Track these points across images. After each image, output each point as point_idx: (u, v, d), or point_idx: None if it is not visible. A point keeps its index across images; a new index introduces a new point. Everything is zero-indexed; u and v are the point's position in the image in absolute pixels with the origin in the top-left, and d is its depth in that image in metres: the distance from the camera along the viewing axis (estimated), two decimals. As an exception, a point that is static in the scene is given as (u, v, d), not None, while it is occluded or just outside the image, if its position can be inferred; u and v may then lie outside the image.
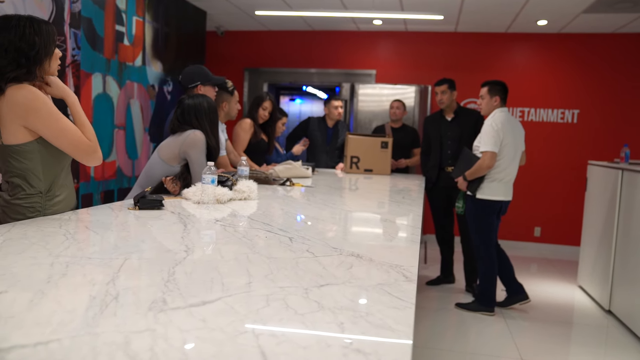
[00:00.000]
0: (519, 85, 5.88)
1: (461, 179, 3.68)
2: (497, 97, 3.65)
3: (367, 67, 6.20)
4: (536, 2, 4.66)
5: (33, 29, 1.68)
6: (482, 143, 3.56)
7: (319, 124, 4.81)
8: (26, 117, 1.65)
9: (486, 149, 3.51)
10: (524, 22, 5.40)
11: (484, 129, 3.59)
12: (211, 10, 5.56)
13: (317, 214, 2.21)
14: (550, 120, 5.86)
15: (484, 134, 3.55)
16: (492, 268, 3.68)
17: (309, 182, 3.36)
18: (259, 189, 2.59)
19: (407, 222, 2.14)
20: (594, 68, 5.71)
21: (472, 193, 3.65)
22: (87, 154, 1.76)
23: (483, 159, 3.52)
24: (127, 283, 1.08)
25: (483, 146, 3.54)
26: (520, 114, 5.93)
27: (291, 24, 5.96)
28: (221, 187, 2.26)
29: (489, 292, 3.69)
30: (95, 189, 3.90)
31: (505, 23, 5.49)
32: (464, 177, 3.64)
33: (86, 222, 1.75)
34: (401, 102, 4.83)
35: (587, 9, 4.77)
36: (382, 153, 4.24)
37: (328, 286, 1.11)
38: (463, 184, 3.68)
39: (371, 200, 2.89)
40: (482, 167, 3.53)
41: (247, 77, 6.45)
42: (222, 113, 3.30)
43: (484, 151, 3.53)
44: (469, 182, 3.64)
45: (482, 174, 3.56)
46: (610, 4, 4.57)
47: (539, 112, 5.88)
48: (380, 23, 5.73)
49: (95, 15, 3.78)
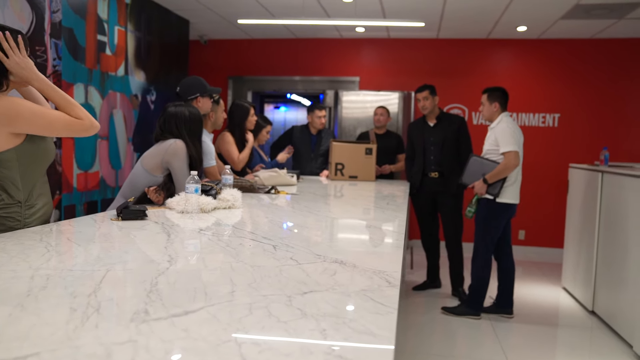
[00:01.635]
0: (500, 90, 5.97)
1: (480, 183, 3.59)
2: (497, 102, 3.68)
3: (351, 74, 6.24)
4: (515, 9, 4.74)
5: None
6: (501, 144, 3.52)
7: (302, 132, 4.83)
8: (12, 124, 1.65)
9: (509, 148, 3.49)
10: (504, 28, 5.49)
11: (498, 132, 3.57)
12: (194, 19, 5.56)
13: (302, 221, 2.21)
14: (531, 125, 5.94)
15: (501, 135, 3.53)
16: (487, 272, 3.68)
17: (294, 190, 3.36)
18: (244, 198, 2.59)
19: (392, 228, 2.15)
20: (574, 72, 5.81)
21: (494, 196, 3.58)
22: (83, 131, 1.79)
23: (508, 159, 3.48)
24: (109, 294, 1.07)
25: (504, 147, 3.50)
26: (502, 118, 6.00)
27: (274, 32, 5.98)
28: (205, 196, 2.25)
29: (479, 296, 3.71)
30: (78, 200, 3.86)
31: (486, 29, 5.57)
32: (485, 181, 3.57)
33: (68, 234, 1.74)
34: (385, 109, 4.86)
35: (565, 15, 4.86)
36: (367, 159, 4.26)
37: (311, 293, 1.11)
38: (482, 188, 3.59)
39: (356, 207, 2.90)
40: (509, 167, 3.49)
41: (231, 85, 6.46)
42: (209, 123, 3.30)
43: (506, 152, 3.49)
44: (489, 186, 3.57)
45: (507, 174, 3.52)
46: (587, 10, 4.66)
47: (520, 117, 5.96)
48: (363, 30, 5.78)
49: (77, 25, 3.76)
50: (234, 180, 2.80)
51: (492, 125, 3.69)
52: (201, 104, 3.05)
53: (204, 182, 2.41)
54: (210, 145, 3.17)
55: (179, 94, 3.08)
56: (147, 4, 4.79)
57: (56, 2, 3.52)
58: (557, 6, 4.59)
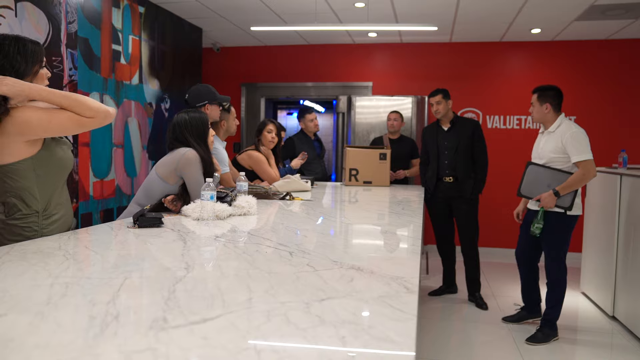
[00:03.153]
0: (515, 93, 5.92)
1: (549, 195, 3.25)
2: (548, 104, 3.35)
3: (364, 80, 6.24)
4: (529, 11, 4.70)
5: (17, 47, 1.69)
6: (574, 152, 3.19)
7: (302, 139, 4.86)
8: (24, 132, 1.66)
9: (585, 157, 3.17)
10: (518, 31, 5.45)
11: (567, 138, 3.22)
12: (207, 27, 5.60)
13: (317, 227, 2.21)
14: (547, 127, 5.88)
15: (573, 141, 3.19)
16: (564, 289, 3.37)
17: (308, 196, 3.36)
18: (259, 204, 2.59)
19: (408, 233, 2.14)
20: (589, 74, 5.74)
21: (565, 209, 3.26)
22: (97, 124, 1.75)
23: (586, 168, 3.16)
24: (127, 302, 1.08)
25: (578, 155, 3.17)
26: (517, 122, 5.95)
27: (287, 38, 6.01)
28: (220, 203, 2.26)
29: (557, 315, 3.40)
30: (95, 208, 3.90)
31: (500, 32, 5.53)
32: (556, 192, 3.23)
33: (85, 242, 1.75)
34: (398, 114, 4.85)
35: (580, 17, 4.81)
36: (381, 164, 4.25)
37: (329, 300, 1.10)
38: (552, 201, 3.24)
39: (371, 212, 2.88)
40: (587, 177, 3.18)
41: (244, 92, 6.49)
42: (221, 131, 3.32)
43: (582, 161, 3.17)
44: (559, 198, 3.25)
45: (583, 184, 3.22)
46: (602, 11, 4.61)
47: (536, 120, 5.90)
48: (375, 35, 5.78)
49: (92, 35, 3.82)
50: (248, 187, 2.81)
51: (551, 129, 3.35)
52: (210, 111, 3.07)
53: (219, 189, 2.42)
54: (223, 152, 3.19)
55: (188, 101, 3.11)
56: (161, 12, 4.84)
57: (72, 13, 3.58)
58: (571, 7, 4.55)
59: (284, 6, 4.72)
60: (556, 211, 3.29)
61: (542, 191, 3.31)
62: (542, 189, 3.32)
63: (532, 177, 3.39)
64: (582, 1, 4.36)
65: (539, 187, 3.34)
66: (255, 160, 3.71)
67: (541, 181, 3.33)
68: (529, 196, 3.41)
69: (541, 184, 3.33)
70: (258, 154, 3.74)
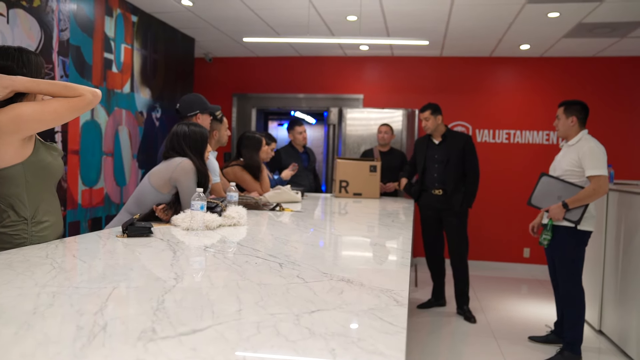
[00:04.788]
0: (504, 107, 6.00)
1: (559, 207, 3.22)
2: (574, 117, 3.32)
3: (355, 92, 6.28)
4: (518, 28, 4.78)
5: (21, 60, 1.70)
6: (589, 166, 3.16)
7: (289, 152, 4.85)
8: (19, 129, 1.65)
9: (600, 172, 3.13)
10: (507, 47, 5.53)
11: (585, 152, 3.18)
12: (199, 38, 5.62)
13: (307, 238, 2.20)
14: (535, 142, 5.95)
15: (590, 156, 3.16)
16: (583, 308, 3.28)
17: (298, 207, 3.35)
18: (249, 215, 2.59)
19: (397, 246, 2.14)
20: (577, 90, 5.82)
21: (575, 223, 3.21)
22: (88, 104, 1.75)
23: (598, 184, 3.12)
24: (115, 312, 1.07)
25: (593, 169, 3.14)
26: (506, 136, 6.02)
27: (279, 50, 6.04)
28: (210, 213, 2.25)
29: (578, 337, 3.26)
30: (83, 217, 3.86)
31: (489, 47, 5.60)
32: (565, 205, 3.20)
33: (73, 251, 1.73)
34: (389, 126, 4.88)
35: (568, 34, 4.90)
36: (371, 177, 4.26)
37: (319, 312, 1.10)
38: (560, 213, 3.21)
39: (361, 224, 2.89)
40: (598, 193, 3.13)
41: (236, 102, 6.50)
42: (212, 141, 3.32)
43: (595, 175, 3.13)
44: (567, 211, 3.21)
45: (593, 200, 3.18)
46: (589, 29, 4.69)
47: (524, 134, 5.97)
48: (367, 48, 5.83)
49: (84, 43, 3.81)
50: (239, 198, 2.80)
51: (571, 142, 3.33)
52: (201, 121, 3.07)
53: (209, 200, 2.41)
54: (214, 161, 3.18)
55: (179, 110, 3.11)
56: (154, 22, 4.85)
57: (64, 21, 3.57)
58: (559, 25, 4.63)
59: (277, 18, 4.75)
60: (566, 225, 3.24)
61: (552, 203, 3.29)
62: (552, 200, 3.30)
63: (544, 189, 3.38)
64: (570, 19, 4.44)
65: (550, 198, 3.32)
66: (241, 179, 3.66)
67: (552, 193, 3.31)
68: (539, 206, 3.39)
69: (552, 195, 3.31)
70: (244, 173, 3.66)
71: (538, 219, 3.57)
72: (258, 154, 3.74)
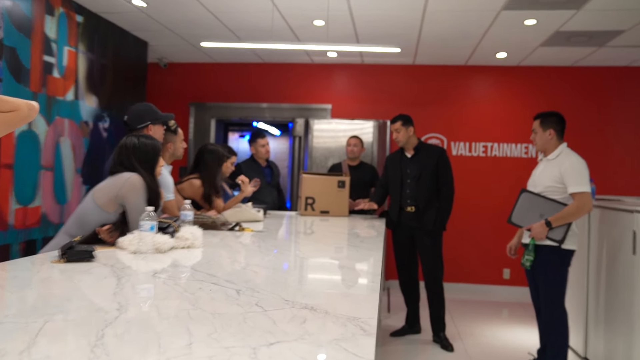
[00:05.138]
0: (481, 119, 6.13)
1: (541, 225, 3.26)
2: (551, 130, 3.40)
3: (322, 102, 6.31)
4: (494, 35, 4.91)
5: None
6: (571, 183, 3.23)
7: (250, 165, 4.84)
8: None
9: (582, 189, 3.20)
10: (483, 55, 5.67)
11: (566, 167, 3.27)
12: (153, 42, 5.56)
13: (269, 261, 2.18)
14: (514, 155, 6.09)
15: (572, 172, 3.24)
16: (566, 333, 3.33)
17: (260, 227, 3.33)
18: (205, 236, 2.55)
19: (367, 268, 2.14)
20: (556, 101, 5.98)
21: (559, 242, 3.26)
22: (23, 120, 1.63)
23: (581, 201, 3.19)
24: (46, 350, 1.02)
25: (575, 186, 3.21)
26: (483, 149, 6.14)
27: (240, 56, 6.03)
28: (161, 235, 2.20)
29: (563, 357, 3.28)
30: (14, 239, 3.73)
31: (464, 55, 5.74)
32: (548, 223, 3.24)
33: (0, 280, 1.66)
34: (358, 139, 4.92)
35: (545, 42, 5.06)
36: (339, 193, 4.27)
37: (278, 344, 1.08)
38: (543, 232, 3.26)
39: (328, 245, 2.88)
40: (582, 211, 3.21)
41: (193, 112, 6.44)
42: (167, 154, 3.26)
43: (578, 192, 3.20)
44: (550, 229, 3.26)
45: (577, 218, 3.25)
46: (566, 37, 4.87)
47: (502, 147, 6.10)
48: (335, 55, 5.88)
49: (20, 44, 3.71)
50: (194, 217, 2.76)
51: (551, 157, 3.41)
52: (152, 132, 3.01)
53: (160, 219, 2.36)
54: (168, 177, 3.13)
55: (127, 122, 3.04)
56: (102, 23, 4.77)
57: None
58: (536, 33, 4.78)
59: (238, 22, 4.75)
60: (549, 244, 3.29)
61: (534, 221, 3.33)
62: (534, 218, 3.35)
63: (525, 206, 3.43)
64: (547, 27, 4.60)
65: (531, 216, 3.36)
66: (199, 195, 3.62)
67: (534, 210, 3.36)
68: (520, 224, 3.44)
69: (534, 213, 3.35)
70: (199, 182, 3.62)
71: (516, 239, 3.62)
72: (219, 169, 3.72)
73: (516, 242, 3.62)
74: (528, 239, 3.40)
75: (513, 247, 3.64)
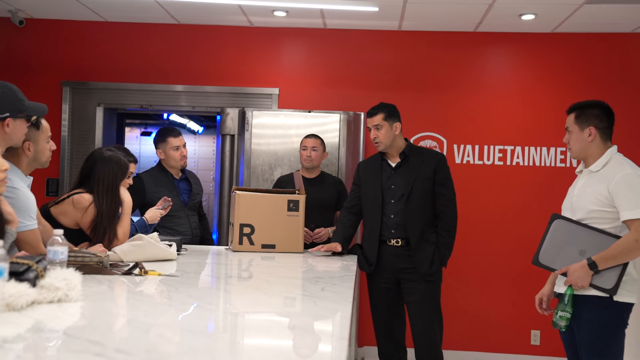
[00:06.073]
0: (496, 111, 6.16)
1: (582, 267, 3.26)
2: (592, 127, 3.42)
3: (265, 85, 6.31)
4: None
5: None
6: (627, 206, 3.21)
7: (157, 177, 4.84)
8: None
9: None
10: (501, 16, 5.69)
11: (617, 183, 3.26)
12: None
13: (185, 321, 2.16)
14: (545, 165, 6.11)
15: (628, 189, 3.23)
16: None
17: (172, 268, 3.31)
18: (87, 282, 2.52)
19: (331, 329, 2.15)
20: (606, 82, 6.03)
21: (609, 292, 3.25)
22: None
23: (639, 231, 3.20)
24: None
25: (631, 211, 3.19)
26: (500, 155, 6.15)
27: (143, 13, 5.98)
28: (16, 283, 2.16)
29: None
30: None
31: (474, 17, 5.79)
32: (592, 265, 3.24)
33: None
34: (319, 139, 4.94)
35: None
36: (290, 219, 4.27)
37: None
38: (586, 277, 3.26)
39: (274, 295, 2.88)
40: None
41: (68, 96, 6.33)
42: (24, 159, 3.20)
43: (636, 219, 3.18)
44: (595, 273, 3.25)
45: (635, 257, 3.23)
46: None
47: (529, 153, 6.12)
48: (285, 15, 5.88)
49: None
50: (69, 255, 2.71)
51: (594, 167, 3.42)
52: (11, 128, 2.96)
53: (14, 259, 2.32)
54: (26, 194, 3.07)
55: None
56: None
57: None
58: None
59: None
60: (595, 294, 3.29)
61: (572, 261, 3.34)
62: (571, 257, 3.35)
63: (559, 239, 3.44)
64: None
65: (568, 254, 3.37)
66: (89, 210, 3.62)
67: (571, 245, 3.38)
68: (551, 266, 3.45)
69: (571, 249, 3.37)
70: (89, 197, 3.65)
71: (548, 287, 3.66)
72: (119, 185, 3.77)
73: (548, 290, 3.67)
74: (563, 287, 3.42)
75: (545, 298, 3.67)
